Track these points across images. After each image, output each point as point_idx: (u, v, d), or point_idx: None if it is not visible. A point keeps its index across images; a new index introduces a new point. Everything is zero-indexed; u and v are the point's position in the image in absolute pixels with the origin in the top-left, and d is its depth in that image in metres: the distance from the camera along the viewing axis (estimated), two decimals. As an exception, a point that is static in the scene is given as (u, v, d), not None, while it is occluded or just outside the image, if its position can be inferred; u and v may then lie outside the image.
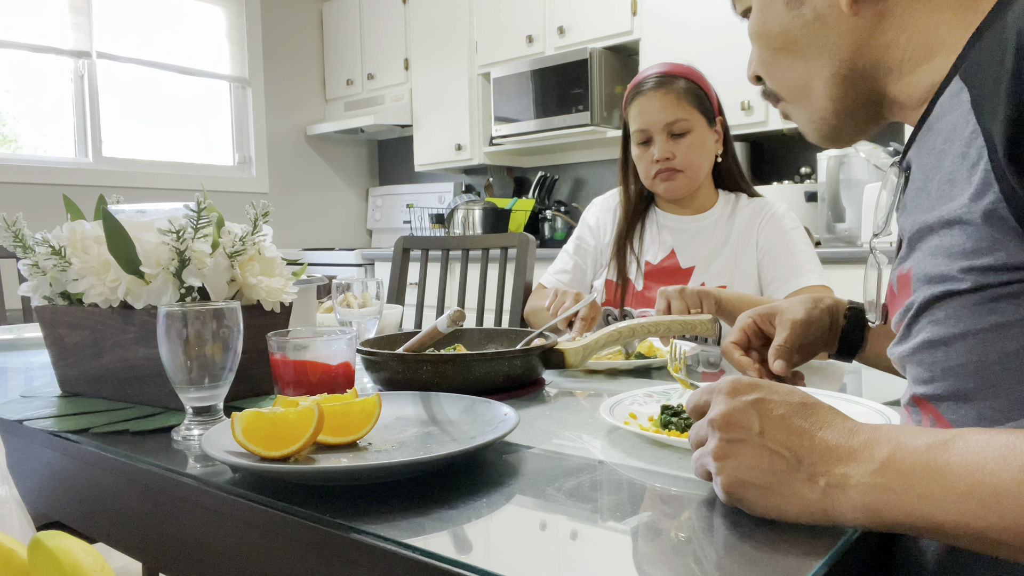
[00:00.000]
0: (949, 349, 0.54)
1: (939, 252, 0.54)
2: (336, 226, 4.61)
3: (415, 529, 0.52)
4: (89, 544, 0.41)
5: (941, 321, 0.55)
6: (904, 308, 0.59)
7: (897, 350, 0.61)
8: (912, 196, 0.61)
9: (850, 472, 0.47)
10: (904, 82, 0.63)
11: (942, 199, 0.55)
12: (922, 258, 0.57)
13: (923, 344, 0.57)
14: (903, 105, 0.64)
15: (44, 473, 0.83)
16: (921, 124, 0.61)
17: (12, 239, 0.94)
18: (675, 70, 1.52)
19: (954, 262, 0.53)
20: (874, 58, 0.63)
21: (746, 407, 0.52)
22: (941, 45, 0.59)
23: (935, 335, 0.55)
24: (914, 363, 0.58)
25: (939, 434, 0.47)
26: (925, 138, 0.59)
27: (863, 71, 0.64)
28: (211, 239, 0.87)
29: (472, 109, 3.78)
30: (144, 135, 3.78)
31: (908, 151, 0.63)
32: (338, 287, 1.21)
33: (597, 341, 1.02)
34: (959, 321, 0.53)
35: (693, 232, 1.58)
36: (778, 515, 0.50)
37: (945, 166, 0.55)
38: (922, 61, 0.61)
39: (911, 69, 0.62)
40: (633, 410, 0.80)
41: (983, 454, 0.44)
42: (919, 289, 0.56)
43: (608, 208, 1.69)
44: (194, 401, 0.75)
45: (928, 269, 0.55)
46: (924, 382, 0.57)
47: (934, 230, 0.55)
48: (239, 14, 4.11)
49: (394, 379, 0.91)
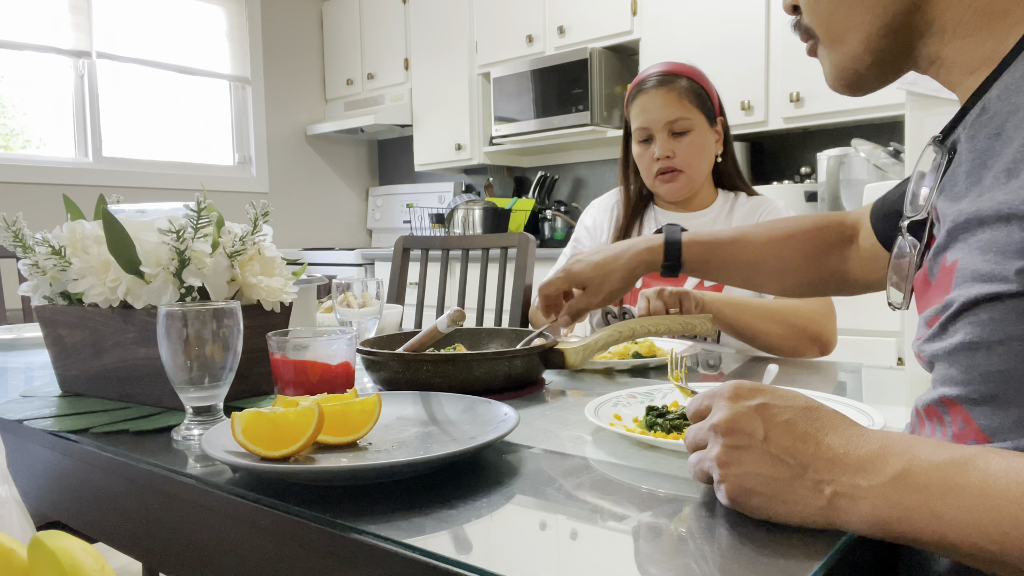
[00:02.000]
0: (991, 353, 0.50)
1: (991, 248, 0.50)
2: (336, 226, 4.61)
3: (415, 529, 0.52)
4: (89, 544, 0.41)
5: (984, 323, 0.50)
6: (943, 304, 0.54)
7: (929, 347, 0.56)
8: (958, 179, 0.56)
9: (859, 483, 0.47)
10: (956, 45, 0.58)
11: (999, 189, 0.50)
12: (970, 252, 0.52)
13: (961, 345, 0.52)
14: (949, 68, 0.60)
15: (44, 473, 0.83)
16: (974, 101, 0.56)
17: (12, 239, 0.94)
18: (677, 69, 1.53)
19: (1008, 261, 0.48)
20: (930, 15, 0.59)
21: (750, 412, 0.51)
22: (1006, 12, 0.55)
23: (976, 337, 0.51)
24: (948, 363, 0.54)
25: (956, 450, 0.46)
26: (981, 118, 0.55)
27: (913, 26, 0.60)
28: (211, 239, 0.86)
29: (472, 109, 3.78)
30: (144, 135, 3.78)
31: (954, 129, 0.59)
32: (338, 287, 1.21)
33: (597, 341, 1.02)
34: (1005, 325, 0.49)
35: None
36: (783, 521, 0.50)
37: (1006, 153, 0.51)
38: (982, 26, 0.56)
39: (968, 32, 0.57)
40: (618, 411, 0.79)
41: (1005, 479, 0.43)
42: (962, 286, 0.52)
43: (605, 209, 1.68)
44: (194, 401, 0.75)
45: (977, 265, 0.51)
46: (957, 384, 0.53)
47: (986, 223, 0.51)
48: (239, 14, 4.11)
49: (394, 379, 0.91)
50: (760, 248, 1.01)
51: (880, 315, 2.25)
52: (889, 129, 2.79)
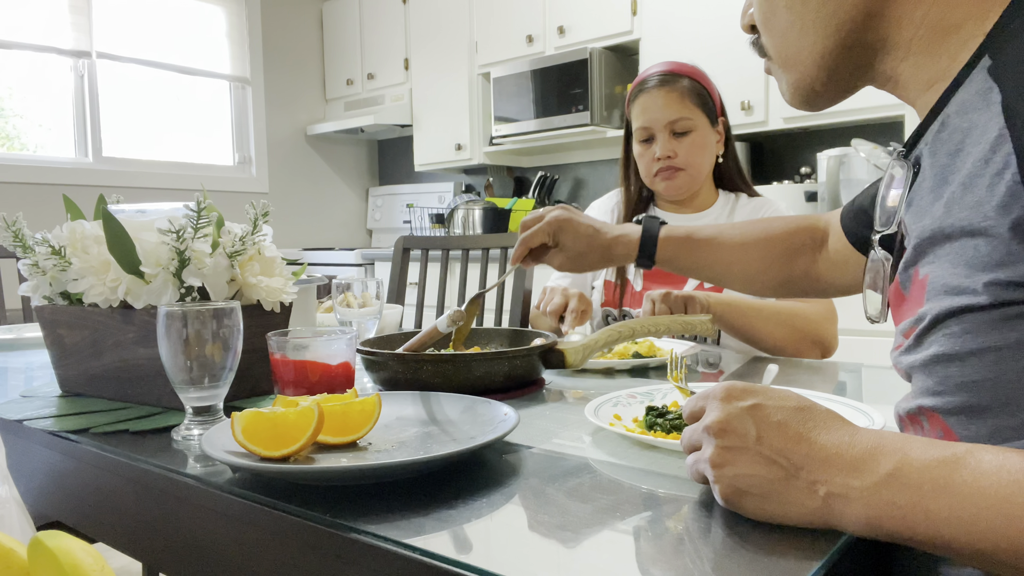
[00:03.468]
0: (964, 364, 0.51)
1: (959, 262, 0.51)
2: (336, 226, 4.61)
3: (415, 529, 0.52)
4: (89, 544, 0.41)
5: (957, 335, 0.51)
6: (916, 317, 0.55)
7: (906, 359, 0.58)
8: (922, 194, 0.57)
9: (852, 483, 0.47)
10: (911, 62, 0.59)
11: (960, 205, 0.51)
12: (940, 266, 0.53)
13: (935, 357, 0.53)
14: (904, 85, 0.61)
15: (44, 473, 0.83)
16: (933, 116, 0.57)
17: (12, 239, 0.94)
18: (679, 69, 1.52)
19: (975, 274, 0.49)
20: (882, 33, 0.59)
21: (742, 413, 0.51)
22: (958, 28, 0.55)
23: (949, 349, 0.52)
24: (924, 374, 0.55)
25: (948, 448, 0.46)
26: (940, 134, 0.56)
27: (867, 45, 0.60)
28: (211, 239, 0.87)
29: (472, 109, 3.78)
30: (144, 135, 3.78)
31: (916, 144, 0.60)
32: (338, 287, 1.21)
33: (597, 341, 1.02)
34: (976, 336, 0.50)
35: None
36: (778, 521, 0.50)
37: (965, 168, 0.52)
38: (935, 41, 0.57)
39: (921, 49, 0.58)
40: (618, 411, 0.80)
41: (996, 476, 0.43)
42: (934, 299, 0.53)
43: (605, 210, 1.68)
44: (194, 401, 0.75)
45: (946, 279, 0.52)
46: (934, 394, 0.54)
47: (952, 238, 0.51)
48: (239, 14, 4.11)
49: (394, 379, 0.91)
50: (732, 250, 1.03)
51: (880, 315, 2.24)
52: (889, 129, 2.79)
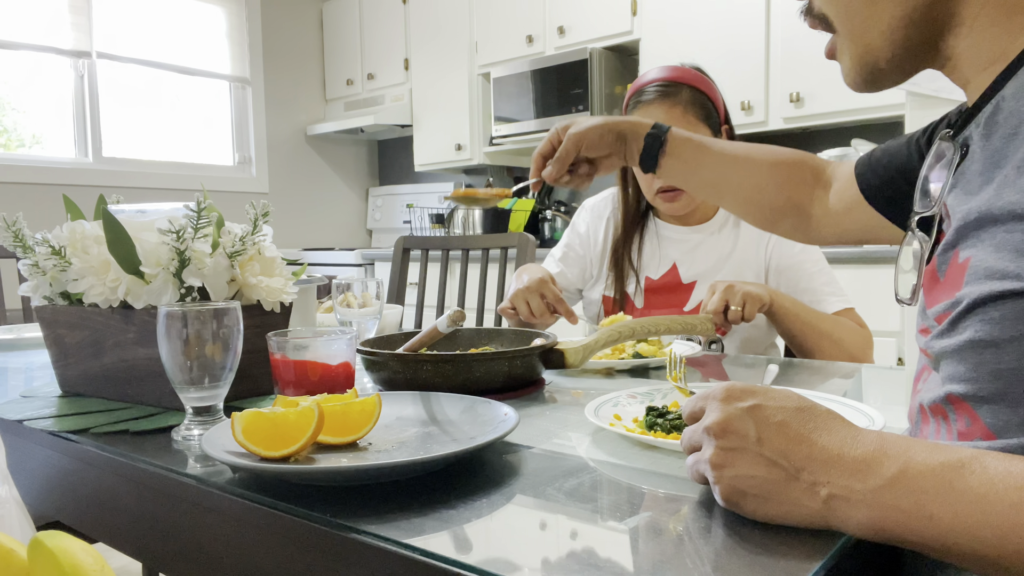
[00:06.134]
0: (1000, 351, 0.50)
1: (1005, 246, 0.50)
2: (336, 226, 4.61)
3: (415, 529, 0.52)
4: (89, 544, 0.41)
5: (995, 321, 0.50)
6: (952, 301, 0.54)
7: (937, 344, 0.55)
8: (970, 177, 0.56)
9: (854, 485, 0.46)
10: (971, 40, 0.58)
11: (1014, 188, 0.50)
12: (983, 249, 0.52)
13: (970, 343, 0.52)
14: (961, 65, 0.59)
15: (44, 473, 0.83)
16: (988, 98, 0.56)
17: (12, 239, 0.94)
18: (680, 76, 1.43)
19: (1021, 259, 0.48)
20: (952, 7, 0.58)
21: (742, 414, 0.51)
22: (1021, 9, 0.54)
23: (986, 335, 0.50)
24: (956, 360, 0.53)
25: (953, 453, 0.46)
26: (994, 116, 0.55)
27: (934, 19, 0.59)
28: (211, 239, 0.87)
29: (472, 109, 3.78)
30: (144, 135, 3.78)
31: (967, 125, 0.59)
32: (338, 287, 1.21)
33: (597, 341, 1.02)
34: (1016, 323, 0.49)
35: (694, 244, 1.51)
36: (779, 522, 0.50)
37: (1020, 152, 0.51)
38: (997, 21, 0.56)
39: (983, 27, 0.56)
40: (618, 411, 0.79)
41: (1002, 483, 0.43)
42: (974, 283, 0.51)
43: (600, 216, 1.61)
44: (194, 401, 0.75)
45: (990, 263, 0.50)
46: (965, 381, 0.53)
47: (1000, 221, 0.50)
48: (239, 14, 4.11)
49: (394, 379, 0.91)
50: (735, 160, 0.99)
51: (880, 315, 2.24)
52: (889, 129, 2.79)
